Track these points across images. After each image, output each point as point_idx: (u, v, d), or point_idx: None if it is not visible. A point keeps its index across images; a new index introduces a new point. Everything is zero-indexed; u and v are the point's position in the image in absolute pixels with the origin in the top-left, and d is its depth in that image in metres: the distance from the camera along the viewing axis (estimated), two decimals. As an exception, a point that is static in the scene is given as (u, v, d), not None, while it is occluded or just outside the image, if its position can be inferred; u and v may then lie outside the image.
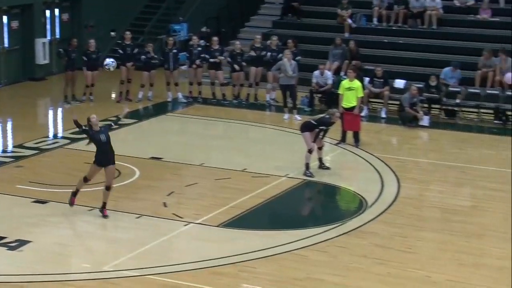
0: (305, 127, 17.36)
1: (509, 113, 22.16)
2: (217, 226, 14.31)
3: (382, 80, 23.04)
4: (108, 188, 14.54)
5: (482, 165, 18.28)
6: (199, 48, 24.42)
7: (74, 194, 14.75)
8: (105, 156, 14.44)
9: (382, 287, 11.97)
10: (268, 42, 24.71)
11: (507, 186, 16.86)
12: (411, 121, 21.66)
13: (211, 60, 24.10)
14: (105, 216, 14.55)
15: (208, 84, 24.25)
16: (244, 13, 29.74)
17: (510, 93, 22.56)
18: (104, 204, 14.62)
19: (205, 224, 14.38)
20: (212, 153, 19.02)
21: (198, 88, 24.25)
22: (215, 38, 24.58)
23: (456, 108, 22.67)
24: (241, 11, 30.11)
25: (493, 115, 22.36)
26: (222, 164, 17.92)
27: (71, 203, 14.73)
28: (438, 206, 15.67)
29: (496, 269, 12.57)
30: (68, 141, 19.67)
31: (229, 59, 24.18)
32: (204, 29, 28.29)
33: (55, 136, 20.69)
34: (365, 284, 12.04)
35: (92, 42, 23.99)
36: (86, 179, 14.67)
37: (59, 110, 23.52)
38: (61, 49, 24.94)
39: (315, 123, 17.33)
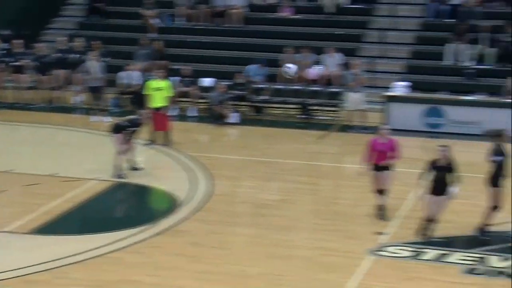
0: (115, 129, 17.23)
1: (313, 107, 22.92)
2: (28, 233, 13.94)
3: (190, 79, 23.22)
4: None
5: (290, 159, 18.80)
6: (2, 52, 23.72)
7: None
8: None
9: (198, 285, 12.06)
10: (73, 43, 24.33)
11: (315, 179, 17.44)
12: (220, 119, 21.96)
13: (15, 63, 23.46)
14: None
15: (12, 88, 23.59)
16: (46, 15, 29.09)
17: (313, 88, 23.32)
18: None
19: (15, 232, 13.98)
20: (20, 158, 18.51)
21: (2, 93, 23.53)
22: (18, 41, 23.93)
23: (263, 105, 23.19)
24: (44, 12, 29.44)
25: (298, 110, 23.04)
26: (30, 169, 17.48)
27: None
28: (250, 202, 15.97)
29: (306, 259, 12.96)
30: None
31: (33, 62, 23.61)
32: (5, 32, 27.43)
33: None
34: (182, 283, 12.10)
35: None
36: None
37: None
38: None
39: (125, 125, 17.24)
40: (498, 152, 13.48)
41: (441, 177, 13.06)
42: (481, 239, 13.48)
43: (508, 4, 25.87)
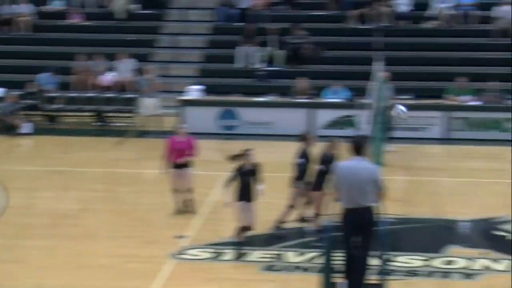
0: None
1: (108, 114, 22.76)
2: None
3: (-22, 89, 22.45)
4: None
5: (87, 168, 18.57)
6: None
7: None
8: None
9: (-5, 302, 11.70)
10: None
11: (113, 186, 17.33)
12: (12, 130, 21.39)
13: None
14: None
15: None
16: None
17: (107, 94, 23.15)
18: None
19: None
20: None
21: None
22: None
23: (56, 113, 22.78)
24: None
25: (93, 118, 22.80)
26: None
27: None
28: (47, 213, 15.61)
29: (108, 267, 12.82)
30: None
31: None
32: None
33: None
34: (-22, 301, 11.69)
35: None
36: None
37: None
38: None
39: None
40: (302, 155, 13.90)
41: (247, 182, 13.07)
42: (278, 236, 13.87)
43: (294, 7, 26.78)
